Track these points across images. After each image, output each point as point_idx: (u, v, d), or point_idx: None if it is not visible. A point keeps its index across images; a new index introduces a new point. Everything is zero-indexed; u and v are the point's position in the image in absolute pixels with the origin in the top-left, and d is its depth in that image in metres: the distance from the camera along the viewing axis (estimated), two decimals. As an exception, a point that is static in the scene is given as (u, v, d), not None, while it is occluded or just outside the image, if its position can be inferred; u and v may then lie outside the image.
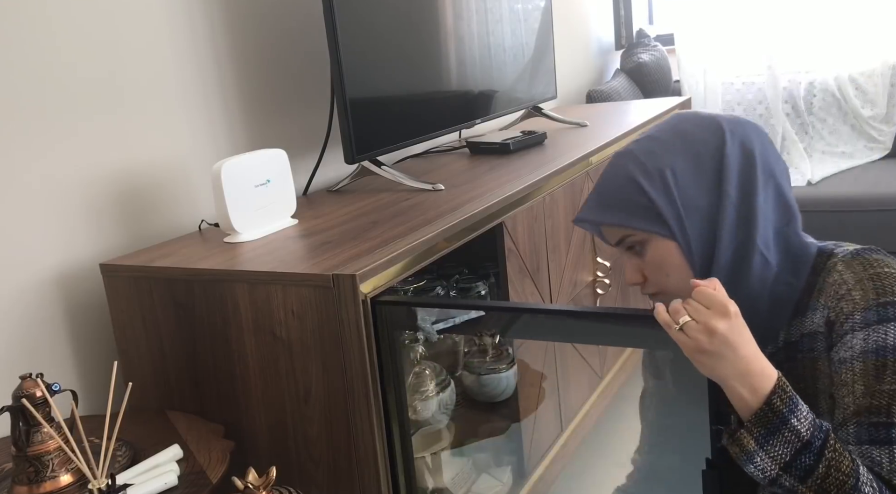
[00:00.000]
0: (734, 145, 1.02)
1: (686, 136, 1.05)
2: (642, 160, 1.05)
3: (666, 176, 1.02)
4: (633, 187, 1.04)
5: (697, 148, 1.03)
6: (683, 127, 1.07)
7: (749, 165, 1.02)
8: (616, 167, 1.08)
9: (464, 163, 2.15)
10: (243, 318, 1.31)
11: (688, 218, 1.02)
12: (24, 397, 1.09)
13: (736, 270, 1.01)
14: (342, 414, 1.27)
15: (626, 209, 1.05)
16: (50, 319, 1.44)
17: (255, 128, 1.87)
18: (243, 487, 1.02)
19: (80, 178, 1.49)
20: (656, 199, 1.03)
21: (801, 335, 1.02)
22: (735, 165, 1.01)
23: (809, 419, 0.91)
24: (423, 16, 2.00)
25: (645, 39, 4.01)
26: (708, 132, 1.04)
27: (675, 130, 1.07)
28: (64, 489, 1.11)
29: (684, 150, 1.04)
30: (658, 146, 1.06)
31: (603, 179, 1.10)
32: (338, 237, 1.44)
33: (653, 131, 1.10)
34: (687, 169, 1.03)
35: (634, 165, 1.05)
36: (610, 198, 1.07)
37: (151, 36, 1.62)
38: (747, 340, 0.92)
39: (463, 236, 1.51)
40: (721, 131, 1.03)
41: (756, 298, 1.02)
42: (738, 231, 1.01)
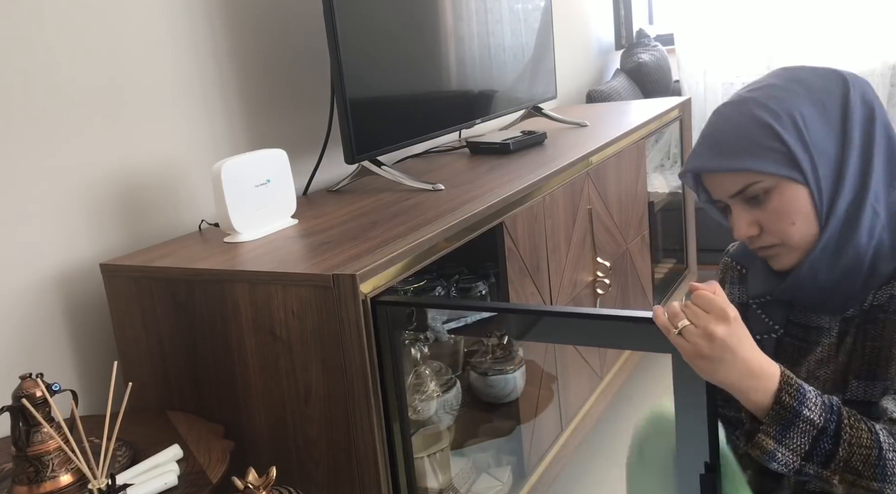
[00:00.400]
0: (856, 95, 1.03)
1: (808, 83, 1.04)
2: (770, 105, 1.02)
3: (797, 120, 1.01)
4: (764, 130, 1.01)
5: (821, 95, 1.03)
6: (801, 75, 1.06)
7: (870, 116, 1.03)
8: (737, 113, 1.04)
9: (464, 163, 2.15)
10: (243, 318, 1.31)
11: (819, 165, 1.01)
12: (24, 397, 1.09)
13: (850, 220, 1.02)
14: (342, 414, 1.27)
15: (758, 154, 1.01)
16: (50, 319, 1.44)
17: (255, 128, 1.87)
18: (243, 487, 1.02)
19: (81, 178, 1.49)
20: (791, 143, 1.00)
21: (890, 296, 1.02)
22: (858, 114, 1.02)
23: (819, 404, 0.91)
24: (424, 16, 2.01)
25: (645, 39, 4.01)
26: (830, 81, 1.04)
27: (795, 78, 1.05)
28: (64, 489, 1.11)
29: (809, 96, 1.03)
30: (781, 92, 1.03)
31: (719, 126, 1.05)
32: (338, 237, 1.44)
33: (768, 80, 1.07)
34: (815, 114, 1.02)
35: (761, 109, 1.02)
36: (735, 143, 1.03)
37: (152, 36, 1.62)
38: (747, 342, 0.92)
39: (463, 236, 1.51)
40: (844, 80, 1.04)
41: (862, 253, 1.02)
42: (857, 181, 1.02)
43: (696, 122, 3.55)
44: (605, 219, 2.24)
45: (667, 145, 3.34)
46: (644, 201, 2.60)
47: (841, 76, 1.05)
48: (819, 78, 1.05)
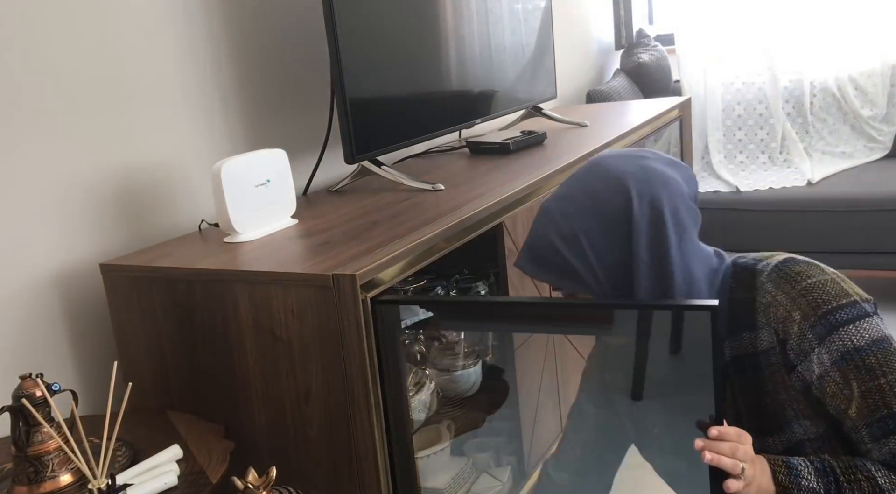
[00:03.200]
0: (641, 207, 1.04)
1: (596, 196, 1.07)
2: (561, 225, 1.09)
3: (580, 239, 1.06)
4: (552, 250, 1.09)
5: (606, 209, 1.06)
6: (593, 186, 1.09)
7: (660, 224, 1.04)
8: (540, 226, 1.12)
9: (464, 163, 2.15)
10: (243, 318, 1.31)
11: (605, 276, 1.06)
12: (24, 397, 1.08)
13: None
14: (342, 414, 1.27)
15: (555, 270, 1.10)
16: (50, 319, 1.44)
17: (255, 128, 1.87)
18: (243, 487, 1.02)
19: (81, 178, 1.49)
20: (574, 263, 1.07)
21: (757, 351, 1.05)
22: (644, 228, 1.04)
23: (812, 469, 0.99)
24: (424, 16, 2.00)
25: (645, 39, 4.01)
26: (615, 193, 1.06)
27: (586, 190, 1.09)
28: (64, 489, 1.11)
29: (594, 211, 1.07)
30: (572, 207, 1.09)
31: (531, 235, 1.14)
32: (338, 237, 1.44)
33: (567, 188, 1.12)
34: (598, 230, 1.06)
35: (553, 228, 1.09)
36: (538, 257, 1.12)
37: (151, 36, 1.62)
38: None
39: (463, 236, 1.51)
40: (627, 192, 1.05)
41: None
42: (655, 289, 1.04)
43: (696, 122, 3.55)
44: (605, 219, 2.24)
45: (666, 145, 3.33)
46: (644, 201, 2.59)
47: (626, 188, 1.05)
48: (607, 190, 1.07)
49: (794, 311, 1.01)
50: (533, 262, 1.13)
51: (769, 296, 1.04)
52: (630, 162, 1.07)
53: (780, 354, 1.04)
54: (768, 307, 1.04)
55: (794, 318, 1.01)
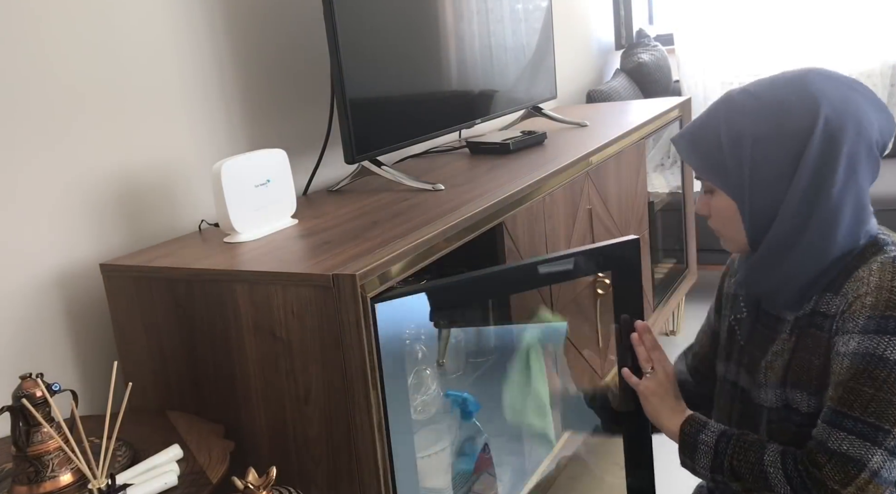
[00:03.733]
0: (824, 133, 1.01)
1: (784, 106, 1.04)
2: (733, 119, 1.06)
3: (745, 142, 1.04)
4: (714, 139, 1.07)
5: (786, 123, 1.03)
6: (786, 95, 1.05)
7: (831, 159, 1.01)
8: (714, 110, 1.10)
9: (464, 163, 2.15)
10: (243, 318, 1.31)
11: (753, 189, 1.06)
12: (24, 397, 1.08)
13: (783, 250, 1.06)
14: (342, 414, 1.27)
15: (706, 158, 1.09)
16: (50, 319, 1.44)
17: (255, 128, 1.87)
18: (243, 487, 1.02)
19: (81, 178, 1.49)
20: (728, 160, 1.06)
21: (829, 314, 1.06)
22: (815, 154, 1.01)
23: (717, 433, 1.14)
24: (424, 16, 2.00)
25: (645, 39, 4.01)
26: (804, 111, 1.03)
27: (777, 96, 1.06)
28: (64, 489, 1.11)
29: (774, 121, 1.04)
30: (754, 106, 1.06)
31: (702, 116, 1.12)
32: (338, 237, 1.44)
33: (760, 86, 1.08)
34: (769, 140, 1.04)
35: (725, 116, 1.07)
36: (698, 140, 1.11)
37: (152, 36, 1.62)
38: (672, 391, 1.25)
39: (463, 236, 1.51)
40: (816, 114, 1.02)
41: (792, 277, 1.07)
42: (797, 218, 1.04)
43: (696, 122, 3.55)
44: (605, 219, 2.24)
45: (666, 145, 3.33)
46: (644, 200, 2.60)
47: (817, 108, 1.03)
48: (798, 102, 1.04)
49: (870, 295, 1.01)
50: (691, 142, 1.11)
51: (866, 272, 1.03)
52: (836, 87, 1.04)
53: (834, 322, 1.05)
54: (857, 281, 1.03)
55: (864, 301, 1.01)
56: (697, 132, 1.11)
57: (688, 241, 3.09)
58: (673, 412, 1.23)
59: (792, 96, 1.04)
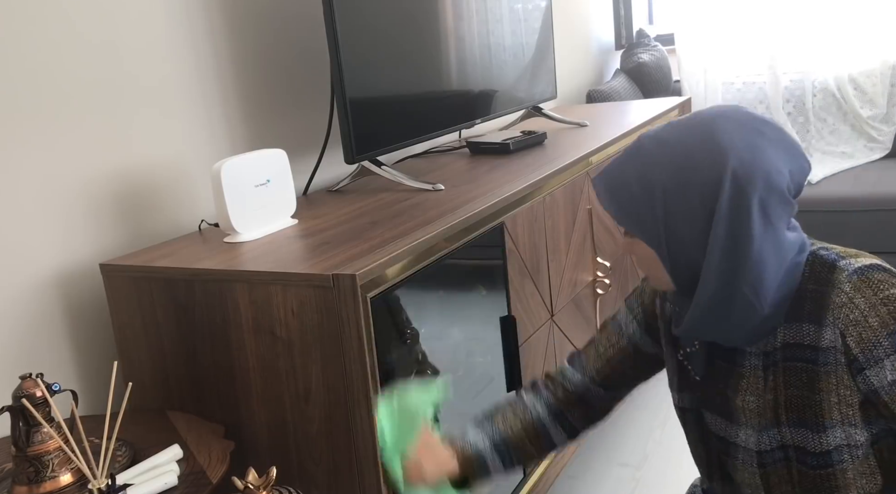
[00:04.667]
0: (732, 187, 0.97)
1: (691, 157, 1.00)
2: (645, 166, 1.03)
3: (656, 194, 1.01)
4: (627, 188, 1.04)
5: (694, 176, 0.99)
6: (693, 147, 1.01)
7: (743, 212, 0.98)
8: (627, 156, 1.06)
9: (464, 163, 2.15)
10: (243, 318, 1.31)
11: (670, 240, 1.02)
12: (24, 397, 1.09)
13: (717, 305, 1.01)
14: (342, 414, 1.27)
15: (622, 207, 1.06)
16: (50, 319, 1.44)
17: (254, 128, 1.87)
18: (243, 487, 1.02)
19: (80, 178, 1.49)
20: (642, 211, 1.03)
21: (818, 347, 1.02)
22: (726, 208, 0.98)
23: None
24: (424, 16, 2.01)
25: (645, 39, 4.01)
26: (710, 162, 0.99)
27: (685, 146, 1.02)
28: (64, 489, 1.11)
29: (681, 173, 1.00)
30: (662, 156, 1.02)
31: (617, 160, 1.08)
32: (338, 237, 1.44)
33: (669, 133, 1.05)
34: (679, 193, 1.00)
35: (637, 165, 1.04)
36: (612, 185, 1.07)
37: (151, 35, 1.62)
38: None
39: (463, 236, 1.51)
40: (723, 167, 0.98)
41: (738, 325, 1.02)
42: (722, 275, 1.00)
43: (696, 122, 3.55)
44: (605, 219, 2.24)
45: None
46: (644, 200, 2.59)
47: (725, 160, 0.98)
48: (705, 156, 0.99)
49: (870, 317, 0.98)
50: (608, 189, 1.08)
51: (845, 297, 1.00)
52: (744, 135, 0.99)
53: (843, 355, 1.01)
54: (841, 308, 1.00)
55: (869, 323, 0.99)
56: (613, 178, 1.07)
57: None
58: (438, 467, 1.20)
59: (699, 147, 1.00)
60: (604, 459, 2.27)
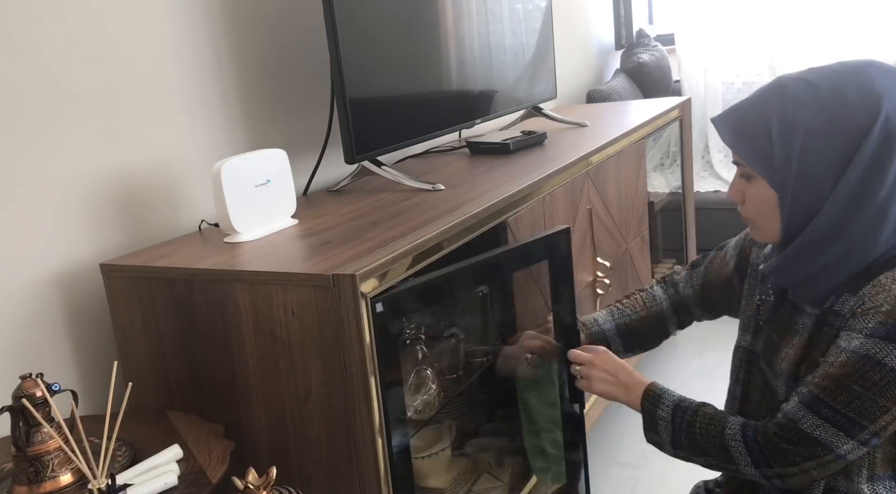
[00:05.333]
0: (882, 133, 0.98)
1: (842, 100, 1.00)
2: (787, 106, 1.02)
3: (797, 133, 1.01)
4: (764, 126, 1.04)
5: (843, 120, 1.00)
6: (845, 89, 1.01)
7: (885, 160, 0.98)
8: (765, 95, 1.06)
9: (464, 163, 2.15)
10: (243, 318, 1.31)
11: (798, 183, 1.02)
12: (24, 397, 1.09)
13: (821, 247, 1.03)
14: (342, 414, 1.27)
15: (751, 144, 1.05)
16: (50, 319, 1.44)
17: (255, 128, 1.87)
18: (243, 487, 1.02)
19: (81, 178, 1.49)
20: (776, 151, 1.02)
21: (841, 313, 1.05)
22: (869, 154, 0.98)
23: (672, 405, 1.18)
24: (424, 16, 2.01)
25: (645, 39, 4.01)
26: (863, 108, 0.99)
27: (836, 89, 1.02)
28: (64, 489, 1.11)
29: (830, 115, 1.00)
30: (810, 96, 1.02)
31: (750, 99, 1.08)
32: (338, 237, 1.44)
33: (818, 76, 1.04)
34: (823, 135, 1.00)
35: (778, 104, 1.03)
36: (744, 124, 1.07)
37: (151, 36, 1.62)
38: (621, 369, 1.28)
39: (463, 236, 1.51)
40: (876, 112, 0.99)
41: (825, 274, 1.05)
42: (840, 217, 1.01)
43: (696, 121, 3.55)
44: (604, 219, 2.24)
45: (666, 145, 3.34)
46: (644, 200, 2.60)
47: (878, 107, 0.99)
48: (858, 99, 1.00)
49: (886, 304, 0.99)
50: (735, 126, 1.07)
51: (889, 281, 1.01)
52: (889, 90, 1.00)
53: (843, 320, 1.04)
54: (878, 288, 1.01)
55: (881, 307, 1.00)
56: (744, 116, 1.06)
57: (687, 241, 3.09)
58: (629, 389, 1.26)
59: (852, 91, 1.00)
60: (604, 459, 2.27)
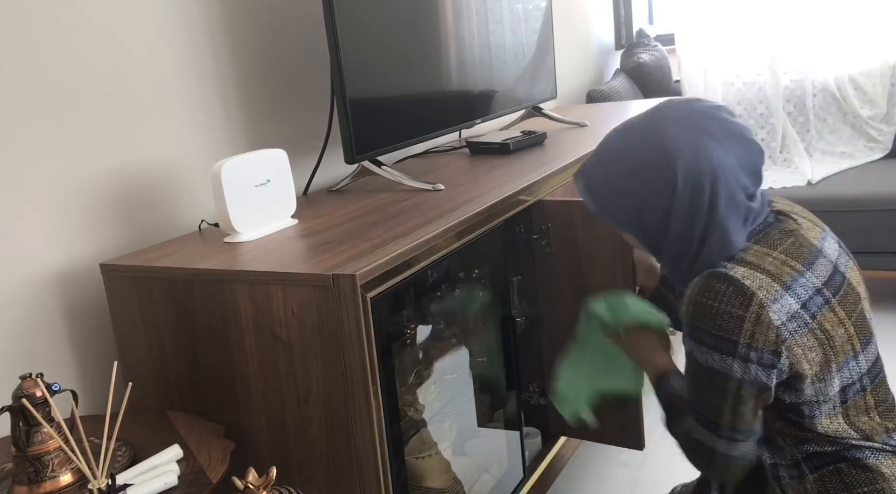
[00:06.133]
0: (684, 190, 1.12)
1: (646, 168, 1.15)
2: (610, 174, 1.19)
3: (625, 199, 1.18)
4: (599, 195, 1.22)
5: (651, 183, 1.15)
6: (644, 154, 1.16)
7: (696, 208, 1.13)
8: (593, 166, 1.24)
9: (464, 163, 2.15)
10: (243, 318, 1.31)
11: (644, 231, 1.19)
12: (24, 397, 1.09)
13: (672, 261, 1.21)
14: (342, 414, 1.27)
15: (602, 209, 1.23)
16: (50, 319, 1.44)
17: (255, 128, 1.87)
18: (243, 487, 1.02)
19: (81, 178, 1.49)
20: (616, 212, 1.20)
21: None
22: (682, 206, 1.13)
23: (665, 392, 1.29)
24: (424, 16, 2.01)
25: (645, 39, 4.01)
26: (663, 169, 1.14)
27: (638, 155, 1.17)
28: (64, 489, 1.11)
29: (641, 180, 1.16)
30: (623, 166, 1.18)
31: (585, 168, 1.25)
32: (338, 237, 1.45)
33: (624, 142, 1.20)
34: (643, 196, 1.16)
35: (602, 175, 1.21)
36: (589, 192, 1.24)
37: (151, 36, 1.62)
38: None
39: (463, 236, 1.51)
40: (674, 174, 1.13)
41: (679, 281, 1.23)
42: (676, 248, 1.17)
43: (696, 122, 3.55)
44: (605, 219, 2.23)
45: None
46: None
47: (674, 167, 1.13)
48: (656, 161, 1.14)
49: (685, 305, 1.15)
50: (587, 191, 1.24)
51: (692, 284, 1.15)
52: (687, 136, 1.13)
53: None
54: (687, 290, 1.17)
55: (683, 309, 1.15)
56: (588, 188, 1.24)
57: (688, 241, 3.08)
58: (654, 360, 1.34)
59: (651, 156, 1.15)
60: (604, 459, 2.27)
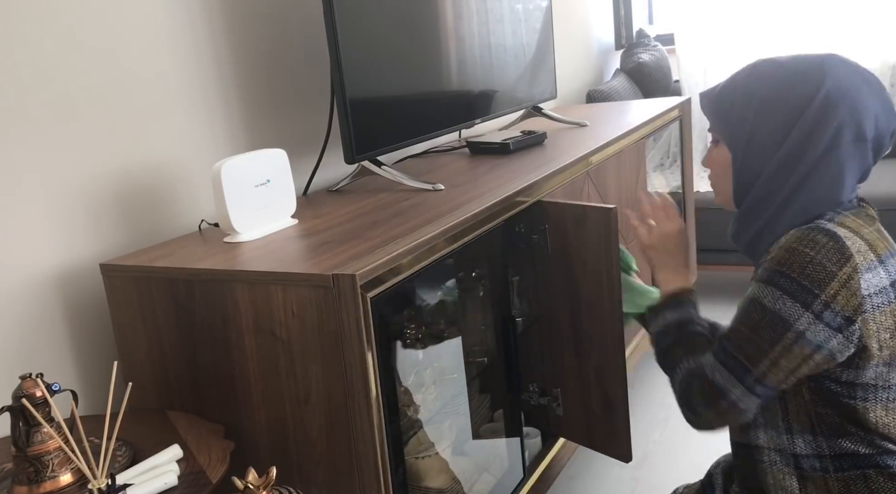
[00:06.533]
0: (820, 105, 1.09)
1: (794, 74, 1.13)
2: (752, 77, 1.18)
3: (753, 101, 1.15)
4: (731, 95, 1.19)
5: (791, 89, 1.12)
6: (801, 66, 1.14)
7: (820, 130, 1.10)
8: (738, 73, 1.22)
9: (464, 163, 2.15)
10: (243, 318, 1.31)
11: (748, 146, 1.16)
12: (24, 397, 1.09)
13: (759, 206, 1.16)
14: (342, 414, 1.27)
15: (718, 111, 1.21)
16: (50, 319, 1.44)
17: (255, 128, 1.87)
18: (243, 487, 1.02)
19: (81, 178, 1.49)
20: (735, 116, 1.17)
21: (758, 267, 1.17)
22: (807, 123, 1.10)
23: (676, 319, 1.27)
24: (424, 16, 2.01)
25: (645, 39, 4.01)
26: (809, 80, 1.11)
27: (794, 66, 1.14)
28: (64, 489, 1.11)
29: (781, 86, 1.14)
30: (771, 71, 1.16)
31: (730, 78, 1.23)
32: (338, 237, 1.44)
33: (784, 57, 1.18)
34: (773, 103, 1.13)
35: (744, 79, 1.19)
36: (718, 95, 1.21)
37: (151, 36, 1.62)
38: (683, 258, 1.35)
39: (463, 236, 1.51)
40: (819, 86, 1.10)
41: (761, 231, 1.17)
42: (775, 178, 1.14)
43: (695, 121, 3.55)
44: (605, 219, 2.23)
45: (666, 145, 3.34)
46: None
47: (822, 81, 1.11)
48: (807, 73, 1.13)
49: (775, 250, 1.11)
50: (712, 98, 1.22)
51: (785, 237, 1.11)
52: (848, 72, 1.12)
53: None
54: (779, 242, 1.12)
55: (771, 254, 1.12)
56: (721, 90, 1.22)
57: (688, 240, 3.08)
58: (674, 273, 1.33)
59: (805, 69, 1.13)
60: (604, 459, 2.27)
